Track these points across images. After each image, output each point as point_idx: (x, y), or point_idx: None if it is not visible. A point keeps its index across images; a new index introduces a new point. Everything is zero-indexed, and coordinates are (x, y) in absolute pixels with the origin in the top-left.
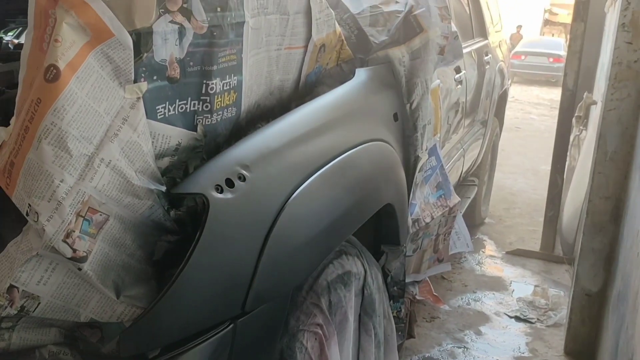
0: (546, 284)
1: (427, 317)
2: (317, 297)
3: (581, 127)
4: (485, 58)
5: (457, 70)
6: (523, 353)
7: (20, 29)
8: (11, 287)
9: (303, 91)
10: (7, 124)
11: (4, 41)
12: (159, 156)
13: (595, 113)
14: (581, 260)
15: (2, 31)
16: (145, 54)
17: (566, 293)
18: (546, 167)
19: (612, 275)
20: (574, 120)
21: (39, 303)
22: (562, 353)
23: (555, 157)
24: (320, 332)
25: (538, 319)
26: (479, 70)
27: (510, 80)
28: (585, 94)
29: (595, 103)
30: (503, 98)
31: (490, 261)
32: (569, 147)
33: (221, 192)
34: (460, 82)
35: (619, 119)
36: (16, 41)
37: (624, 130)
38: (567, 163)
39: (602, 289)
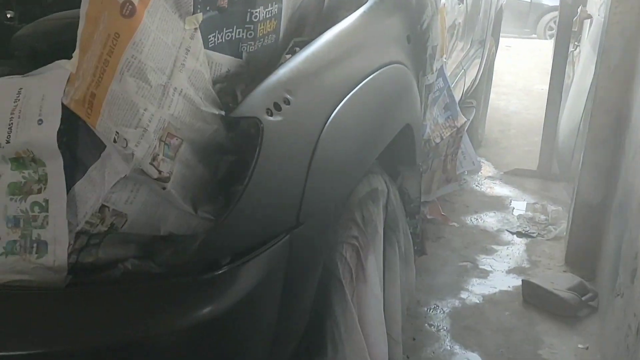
0: (545, 200)
1: (432, 237)
2: (351, 212)
3: (576, 43)
4: None
5: None
6: (527, 265)
7: None
8: (103, 206)
9: (325, 16)
10: None
11: None
12: (213, 83)
13: (592, 28)
14: (582, 174)
15: None
16: None
17: (564, 208)
18: (539, 86)
19: (613, 186)
20: None
21: (126, 220)
22: (564, 263)
23: (553, 75)
24: (356, 243)
25: (539, 234)
26: None
27: None
28: (580, 7)
29: (590, 17)
30: (499, 15)
31: (489, 182)
32: None
33: (271, 114)
34: (461, 1)
35: (622, 31)
36: None
37: (627, 44)
38: None
39: (602, 200)
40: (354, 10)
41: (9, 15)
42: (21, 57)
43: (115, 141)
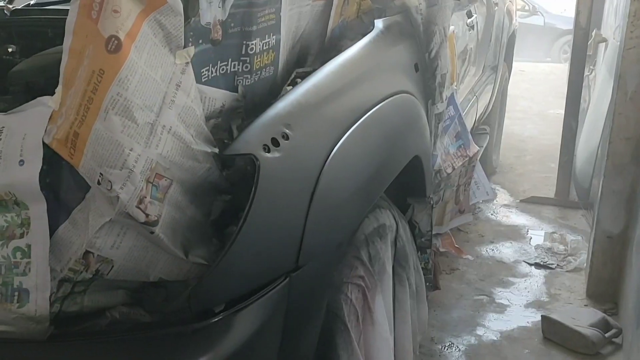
0: (563, 230)
1: (446, 270)
2: (357, 250)
3: (591, 67)
4: None
5: (469, 14)
6: (546, 299)
7: None
8: (87, 252)
9: (328, 46)
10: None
11: None
12: (206, 119)
13: (607, 52)
14: (602, 203)
15: None
16: (193, 19)
17: (584, 238)
18: (554, 111)
19: (634, 216)
20: None
21: (113, 266)
22: (585, 296)
23: (569, 100)
24: (362, 283)
25: (558, 265)
26: (488, 12)
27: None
28: (594, 31)
29: (604, 40)
30: (511, 41)
31: (505, 210)
32: None
33: (268, 151)
34: (472, 27)
35: (638, 57)
36: (11, 7)
37: None
38: None
39: (623, 231)
40: (358, 40)
41: (10, 50)
42: (17, 92)
43: (99, 183)
